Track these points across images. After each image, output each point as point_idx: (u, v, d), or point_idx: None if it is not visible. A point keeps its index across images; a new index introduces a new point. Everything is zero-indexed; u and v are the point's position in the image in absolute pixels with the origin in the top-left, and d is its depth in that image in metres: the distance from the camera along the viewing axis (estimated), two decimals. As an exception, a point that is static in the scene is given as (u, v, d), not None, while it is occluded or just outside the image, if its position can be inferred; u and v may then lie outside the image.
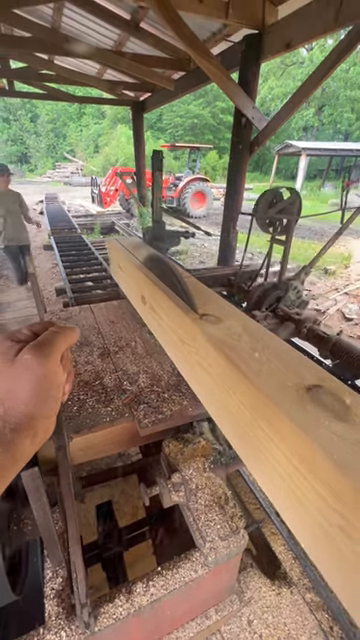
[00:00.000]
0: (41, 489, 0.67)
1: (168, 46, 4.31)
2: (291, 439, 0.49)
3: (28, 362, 0.37)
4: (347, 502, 0.40)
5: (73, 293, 3.17)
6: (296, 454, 0.48)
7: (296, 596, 1.24)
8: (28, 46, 4.24)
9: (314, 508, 0.46)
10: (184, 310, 0.84)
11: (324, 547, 0.46)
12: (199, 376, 0.80)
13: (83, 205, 13.15)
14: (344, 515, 0.41)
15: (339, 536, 0.42)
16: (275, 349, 0.67)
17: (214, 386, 0.72)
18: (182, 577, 0.92)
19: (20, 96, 7.37)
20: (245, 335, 0.71)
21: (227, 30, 3.48)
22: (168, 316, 0.95)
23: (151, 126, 29.52)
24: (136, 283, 1.21)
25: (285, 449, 0.50)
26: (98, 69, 6.21)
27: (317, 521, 0.46)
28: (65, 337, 0.42)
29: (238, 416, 0.63)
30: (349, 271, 6.77)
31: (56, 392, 0.40)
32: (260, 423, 0.56)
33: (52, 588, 0.87)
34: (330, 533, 0.44)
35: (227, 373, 0.65)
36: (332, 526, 0.43)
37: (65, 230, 6.75)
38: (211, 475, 1.08)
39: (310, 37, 2.54)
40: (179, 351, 0.90)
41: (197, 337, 0.77)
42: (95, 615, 0.82)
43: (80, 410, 1.15)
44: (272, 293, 1.46)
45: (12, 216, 4.15)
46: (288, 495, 0.51)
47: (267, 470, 0.56)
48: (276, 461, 0.53)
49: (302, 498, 0.48)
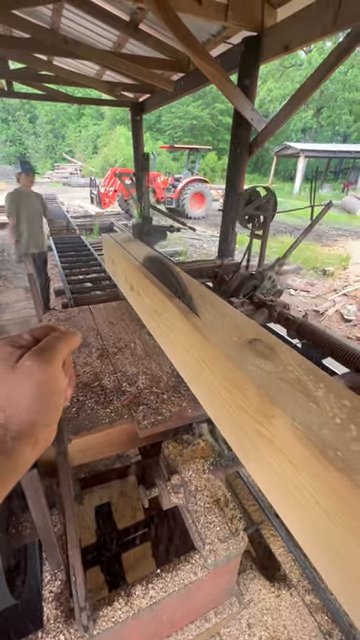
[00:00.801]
0: (40, 491, 0.66)
1: (167, 47, 4.31)
2: (229, 373, 0.66)
3: (29, 368, 0.36)
4: (252, 401, 0.59)
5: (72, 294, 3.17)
6: (231, 382, 0.65)
7: (296, 598, 1.24)
8: (27, 47, 4.24)
9: (233, 409, 0.66)
10: (167, 295, 0.97)
11: (243, 439, 0.64)
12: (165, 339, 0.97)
13: (82, 206, 13.14)
14: (249, 412, 0.60)
15: (255, 436, 0.59)
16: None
17: (182, 350, 0.89)
18: (181, 579, 0.92)
19: (19, 97, 7.37)
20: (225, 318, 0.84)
21: (226, 32, 3.48)
22: (147, 295, 1.12)
23: (150, 127, 29.58)
24: (123, 271, 1.42)
25: (223, 380, 0.68)
26: (97, 70, 6.22)
27: (228, 410, 0.68)
28: (67, 342, 0.41)
29: (196, 367, 0.82)
30: (348, 272, 6.78)
31: (58, 398, 0.39)
32: (208, 365, 0.75)
33: (51, 591, 0.86)
34: (242, 426, 0.63)
35: (191, 334, 0.81)
36: (244, 420, 0.62)
37: (64, 231, 6.74)
38: (210, 477, 1.08)
39: (308, 39, 2.54)
40: (153, 320, 1.07)
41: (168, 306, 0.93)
42: (94, 618, 0.82)
43: (79, 411, 1.15)
44: (249, 282, 1.60)
45: (34, 220, 3.84)
46: (220, 407, 0.72)
47: (211, 396, 0.78)
48: (215, 389, 0.72)
49: (229, 409, 0.68)
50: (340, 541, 0.44)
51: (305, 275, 6.64)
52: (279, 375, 0.60)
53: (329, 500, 0.44)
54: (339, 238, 10.06)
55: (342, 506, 0.42)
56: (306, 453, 0.46)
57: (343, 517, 0.42)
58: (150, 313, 1.11)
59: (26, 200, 3.75)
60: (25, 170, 3.66)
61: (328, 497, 0.44)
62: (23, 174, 3.65)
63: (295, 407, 0.52)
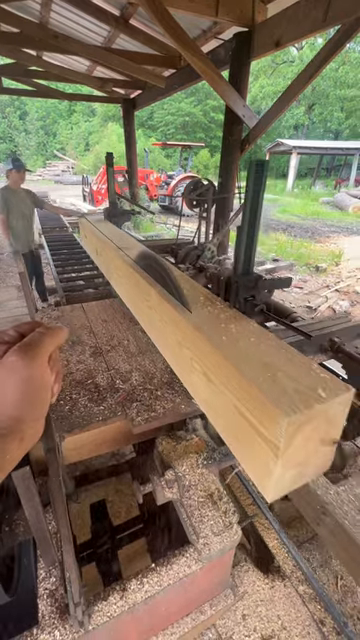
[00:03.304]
0: (32, 489, 0.66)
1: (158, 43, 4.29)
2: (182, 324, 0.82)
3: (14, 364, 0.36)
4: (187, 334, 0.79)
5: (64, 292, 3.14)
6: (180, 332, 0.83)
7: (289, 589, 1.26)
8: (16, 42, 4.18)
9: (174, 342, 0.86)
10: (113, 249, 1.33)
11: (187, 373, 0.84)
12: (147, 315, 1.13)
13: (74, 204, 13.02)
14: (186, 344, 0.80)
15: (196, 373, 0.77)
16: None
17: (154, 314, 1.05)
18: (176, 573, 0.92)
19: (8, 92, 7.26)
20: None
21: (217, 28, 3.47)
22: (105, 252, 1.54)
23: (142, 124, 29.35)
24: (90, 242, 1.95)
25: (177, 330, 0.85)
26: (88, 66, 6.15)
27: (173, 343, 0.89)
28: (52, 337, 0.41)
29: (161, 327, 0.98)
30: (340, 268, 6.84)
31: (44, 394, 0.39)
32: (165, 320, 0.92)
33: (45, 588, 0.86)
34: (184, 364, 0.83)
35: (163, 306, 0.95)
36: (184, 355, 0.82)
37: (56, 229, 6.68)
38: (204, 471, 1.09)
39: (299, 36, 2.55)
40: (131, 289, 1.26)
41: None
42: (89, 613, 0.82)
43: (72, 409, 1.14)
44: (193, 253, 1.94)
45: (24, 217, 3.84)
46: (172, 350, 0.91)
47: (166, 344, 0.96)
48: (169, 337, 0.90)
49: (173, 346, 0.88)
50: (219, 401, 0.68)
51: (298, 272, 6.68)
52: (215, 315, 0.85)
53: (211, 366, 0.69)
54: (331, 235, 10.14)
55: (218, 371, 0.66)
56: (209, 347, 0.70)
57: (220, 379, 0.66)
58: (107, 265, 1.58)
59: (16, 197, 3.71)
60: (16, 167, 3.59)
61: (212, 365, 0.69)
62: (14, 171, 3.59)
63: (211, 329, 0.76)
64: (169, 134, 29.57)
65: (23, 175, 3.69)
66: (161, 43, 4.27)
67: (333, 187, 20.57)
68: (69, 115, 32.98)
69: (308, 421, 0.54)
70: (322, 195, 17.76)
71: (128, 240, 1.60)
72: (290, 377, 0.59)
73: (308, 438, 0.56)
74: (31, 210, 3.91)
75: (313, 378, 0.60)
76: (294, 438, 0.54)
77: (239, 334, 0.73)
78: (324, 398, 0.55)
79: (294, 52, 25.52)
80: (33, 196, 3.94)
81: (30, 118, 30.95)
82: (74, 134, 31.10)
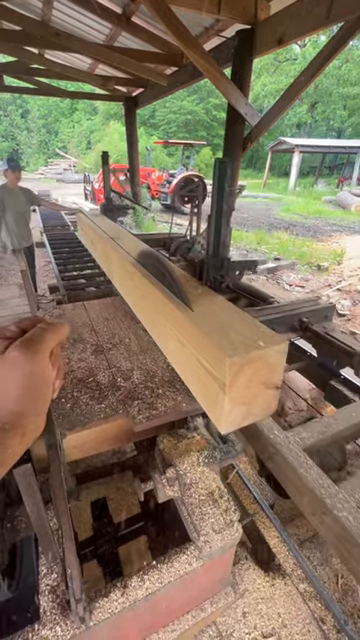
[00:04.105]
0: (34, 486, 0.66)
1: (160, 41, 4.27)
2: (160, 299, 0.93)
3: (15, 359, 0.36)
4: (163, 305, 0.92)
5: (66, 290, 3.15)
6: (162, 311, 0.94)
7: (290, 587, 1.26)
8: (17, 39, 4.17)
9: (164, 323, 0.93)
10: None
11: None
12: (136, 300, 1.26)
13: (76, 202, 13.02)
14: (163, 314, 0.93)
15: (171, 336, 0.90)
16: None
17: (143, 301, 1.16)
18: (177, 570, 0.93)
19: (10, 91, 7.25)
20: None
21: (219, 25, 3.46)
22: (100, 243, 1.66)
23: (144, 122, 29.30)
24: (87, 234, 2.06)
25: (156, 303, 0.97)
26: (90, 64, 6.14)
27: (153, 314, 1.02)
28: (54, 333, 0.41)
29: (142, 303, 1.11)
30: (342, 267, 6.82)
31: (46, 390, 0.39)
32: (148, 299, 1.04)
33: (47, 584, 0.87)
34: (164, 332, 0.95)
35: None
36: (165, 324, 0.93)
37: (58, 227, 6.68)
38: (205, 470, 1.09)
39: (301, 33, 2.53)
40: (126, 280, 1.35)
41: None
42: (90, 610, 0.83)
43: (73, 407, 1.15)
44: (184, 246, 2.04)
45: (22, 216, 3.97)
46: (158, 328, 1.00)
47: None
48: (150, 309, 1.03)
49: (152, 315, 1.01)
50: (187, 358, 0.82)
51: (300, 270, 6.67)
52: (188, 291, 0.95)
53: (183, 333, 0.82)
54: (333, 234, 10.10)
55: (186, 333, 0.80)
56: (181, 315, 0.83)
57: (187, 338, 0.80)
58: (103, 254, 1.69)
59: (12, 196, 3.86)
60: (11, 167, 3.74)
61: (184, 332, 0.82)
62: (9, 170, 3.74)
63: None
64: (171, 132, 29.50)
65: (18, 174, 3.83)
66: (163, 41, 4.26)
67: (335, 186, 20.48)
68: (71, 113, 32.94)
69: (248, 363, 0.67)
70: (324, 194, 17.69)
71: (119, 231, 1.81)
72: (238, 332, 0.74)
73: (251, 379, 0.70)
74: (27, 208, 4.04)
75: (257, 334, 0.74)
76: (238, 376, 0.67)
77: (206, 305, 0.88)
78: (262, 346, 0.69)
79: (297, 50, 25.40)
80: (29, 194, 4.08)
81: (32, 116, 30.94)
82: (76, 132, 31.07)
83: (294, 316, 1.66)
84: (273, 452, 1.06)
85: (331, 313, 1.83)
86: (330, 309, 1.83)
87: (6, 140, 31.08)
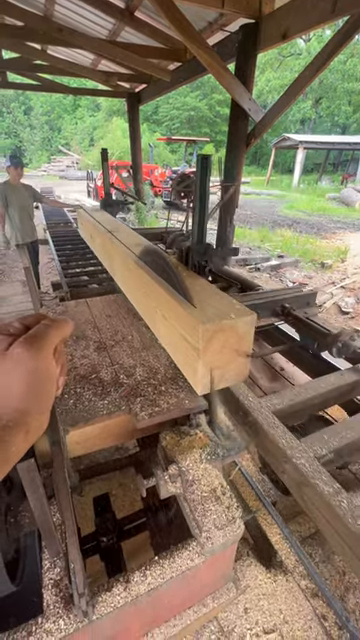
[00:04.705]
0: (37, 481, 0.67)
1: (164, 36, 4.23)
2: (149, 282, 1.11)
3: (19, 356, 0.35)
4: (161, 300, 1.06)
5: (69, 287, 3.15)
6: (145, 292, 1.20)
7: (291, 583, 1.27)
8: (20, 35, 4.15)
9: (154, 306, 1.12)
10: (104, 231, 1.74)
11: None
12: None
13: (79, 199, 13.01)
14: (151, 295, 1.18)
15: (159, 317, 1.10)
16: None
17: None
18: (179, 566, 0.93)
19: (13, 87, 7.24)
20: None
21: (223, 19, 3.42)
22: (98, 236, 1.89)
23: (147, 118, 29.16)
24: (86, 228, 2.29)
25: (142, 285, 1.18)
26: (92, 60, 6.10)
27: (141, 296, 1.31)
28: (58, 329, 0.40)
29: (133, 285, 1.33)
30: (346, 265, 6.78)
31: (50, 387, 0.38)
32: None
33: (50, 578, 0.87)
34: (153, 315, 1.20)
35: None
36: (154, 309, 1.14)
37: (61, 224, 6.68)
38: (207, 466, 1.09)
39: (306, 27, 2.50)
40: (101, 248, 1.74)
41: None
42: (93, 604, 0.83)
43: (76, 403, 1.15)
44: (179, 239, 2.09)
45: (25, 211, 4.04)
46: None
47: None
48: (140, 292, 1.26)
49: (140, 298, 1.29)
50: (173, 336, 0.95)
51: (303, 268, 6.63)
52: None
53: (167, 310, 0.95)
54: (337, 231, 10.03)
55: (170, 311, 0.93)
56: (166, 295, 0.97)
57: (170, 314, 0.93)
58: (102, 247, 1.91)
59: (15, 192, 3.93)
60: (14, 163, 3.83)
61: (167, 309, 0.96)
62: (12, 167, 3.82)
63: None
64: (174, 129, 29.35)
65: (21, 171, 3.92)
66: (166, 36, 4.22)
67: (340, 183, 20.31)
68: (74, 110, 32.85)
69: (220, 331, 0.80)
70: (328, 191, 17.55)
71: (116, 224, 1.96)
72: (214, 307, 0.85)
73: (223, 346, 0.82)
74: (29, 203, 4.11)
75: (230, 308, 0.85)
76: (211, 342, 0.80)
77: (189, 286, 0.99)
78: (233, 318, 0.82)
79: (301, 44, 25.11)
80: (32, 190, 4.16)
81: (35, 113, 30.88)
82: (79, 129, 31.00)
83: (277, 302, 1.81)
84: (247, 414, 1.17)
85: (313, 300, 1.96)
86: (312, 296, 1.96)
87: (9, 137, 31.07)
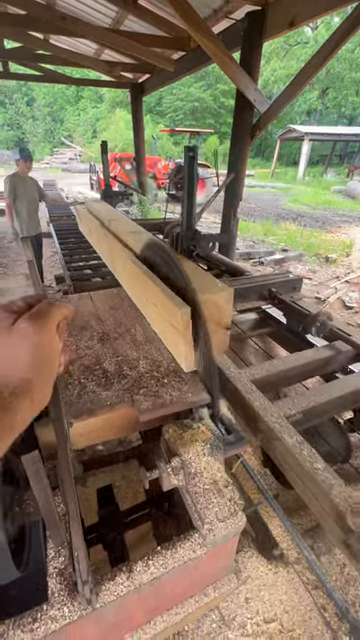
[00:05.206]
0: (41, 472, 0.68)
1: (168, 24, 4.15)
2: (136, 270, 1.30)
3: (25, 330, 0.38)
4: (152, 292, 1.19)
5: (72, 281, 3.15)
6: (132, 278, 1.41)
7: (292, 575, 1.28)
8: (22, 24, 4.09)
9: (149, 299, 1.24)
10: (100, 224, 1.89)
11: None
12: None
13: (82, 192, 12.95)
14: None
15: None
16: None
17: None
18: (181, 557, 0.94)
19: (15, 78, 7.16)
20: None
21: (229, 7, 3.34)
22: (96, 232, 2.00)
23: (150, 110, 28.77)
24: (85, 223, 2.41)
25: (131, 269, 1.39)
26: (95, 49, 6.01)
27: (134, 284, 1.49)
28: (59, 309, 0.44)
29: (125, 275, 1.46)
30: (350, 259, 6.72)
31: (53, 359, 0.41)
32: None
33: (55, 567, 0.89)
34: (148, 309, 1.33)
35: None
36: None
37: (64, 217, 6.66)
38: (210, 459, 1.10)
39: (314, 14, 2.44)
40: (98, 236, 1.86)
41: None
42: (97, 592, 0.85)
43: (81, 393, 1.16)
44: (175, 228, 2.12)
45: (30, 203, 4.12)
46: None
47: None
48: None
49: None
50: (159, 319, 1.14)
51: (307, 262, 6.58)
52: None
53: (154, 296, 1.11)
54: (342, 225, 9.92)
55: (156, 297, 1.07)
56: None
57: (154, 300, 1.10)
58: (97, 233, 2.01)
59: (24, 184, 3.98)
60: (23, 157, 3.87)
61: (152, 295, 1.13)
62: (22, 160, 3.87)
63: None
64: (178, 120, 28.96)
65: (30, 164, 3.97)
66: (170, 24, 4.14)
67: (346, 175, 20.00)
68: (76, 101, 32.49)
69: (203, 302, 0.96)
70: (334, 183, 17.30)
71: (115, 214, 2.03)
72: (198, 284, 1.00)
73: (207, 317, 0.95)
74: (36, 197, 4.18)
75: (213, 286, 1.06)
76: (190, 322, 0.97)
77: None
78: (213, 292, 1.05)
79: (308, 32, 24.54)
80: (37, 185, 4.23)
81: (37, 104, 30.56)
82: (81, 120, 30.68)
83: (264, 286, 1.90)
84: (227, 382, 1.27)
85: (299, 285, 2.07)
86: (298, 281, 2.08)
87: (12, 129, 30.84)
